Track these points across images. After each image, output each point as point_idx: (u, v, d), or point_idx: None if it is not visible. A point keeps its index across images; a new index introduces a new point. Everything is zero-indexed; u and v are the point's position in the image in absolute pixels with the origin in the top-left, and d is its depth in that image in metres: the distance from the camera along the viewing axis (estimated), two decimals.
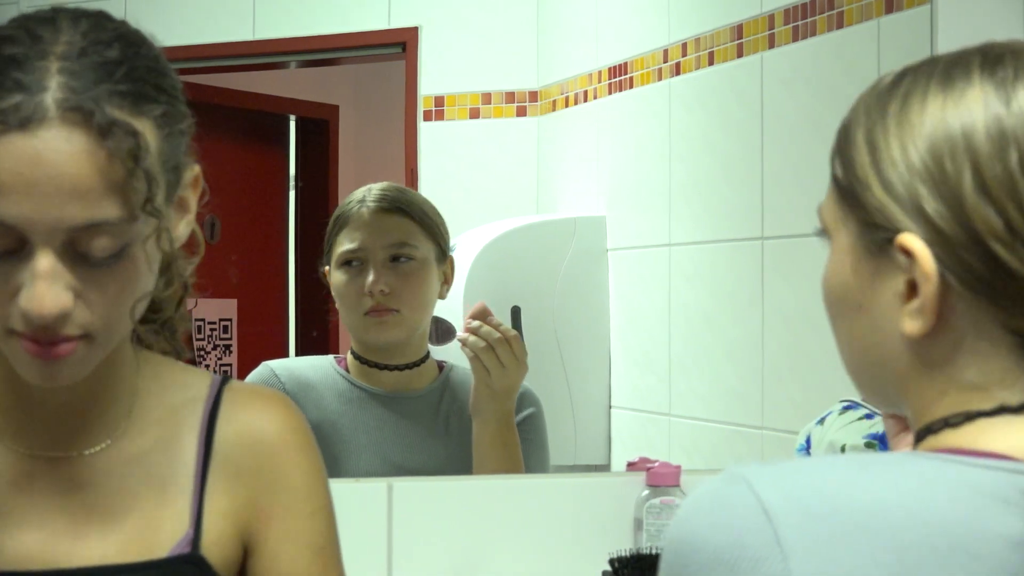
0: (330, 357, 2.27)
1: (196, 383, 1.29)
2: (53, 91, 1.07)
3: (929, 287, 0.93)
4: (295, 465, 1.28)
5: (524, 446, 2.23)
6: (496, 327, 2.16)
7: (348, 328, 2.26)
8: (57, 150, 1.06)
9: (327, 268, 2.26)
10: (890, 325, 0.96)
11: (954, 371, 0.95)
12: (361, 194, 2.25)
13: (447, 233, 2.28)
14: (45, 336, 1.10)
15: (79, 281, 1.10)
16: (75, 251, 1.09)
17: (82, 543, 1.21)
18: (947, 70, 0.97)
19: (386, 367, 2.23)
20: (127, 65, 1.11)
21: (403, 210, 2.23)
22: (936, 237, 0.93)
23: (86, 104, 1.07)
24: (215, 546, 1.24)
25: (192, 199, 1.21)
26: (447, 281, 2.27)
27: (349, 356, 2.25)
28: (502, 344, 2.15)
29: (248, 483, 1.26)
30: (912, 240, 0.93)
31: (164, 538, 1.22)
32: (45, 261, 1.08)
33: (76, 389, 1.21)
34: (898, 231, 0.94)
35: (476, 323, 2.16)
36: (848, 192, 0.98)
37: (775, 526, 0.87)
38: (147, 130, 1.11)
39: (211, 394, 1.28)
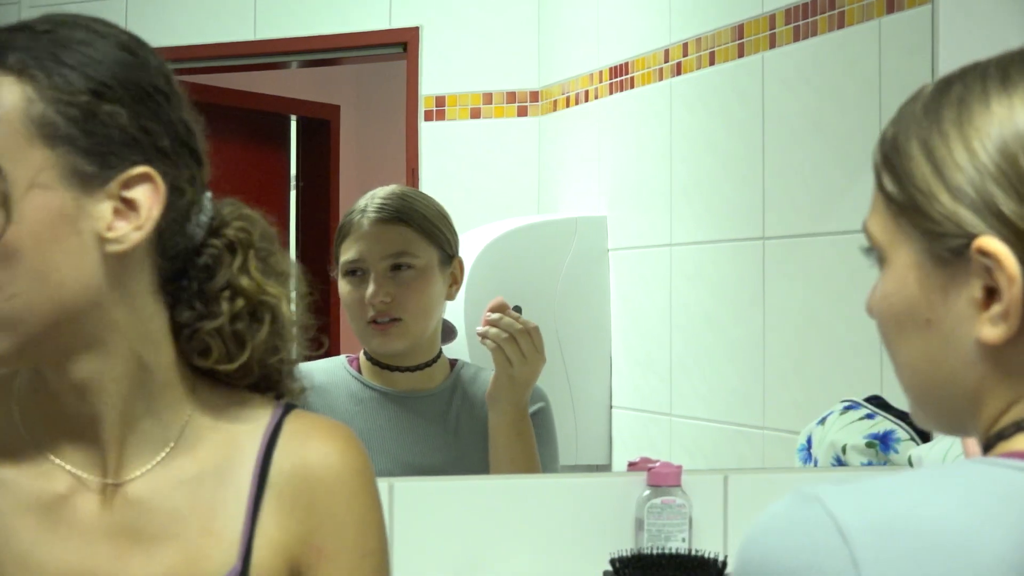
0: (342, 358, 2.28)
1: (258, 410, 1.26)
2: None
3: (1015, 289, 0.90)
4: (352, 503, 1.25)
5: (536, 439, 2.24)
6: (516, 319, 2.17)
7: (356, 337, 2.27)
8: None
9: (335, 274, 2.28)
10: (964, 335, 0.94)
11: None
12: (364, 203, 2.25)
13: (453, 235, 2.29)
14: None
15: None
16: None
17: (124, 565, 1.19)
18: (1003, 71, 0.95)
19: (397, 368, 2.25)
20: (10, 31, 1.15)
21: (402, 219, 2.24)
22: (1015, 237, 0.90)
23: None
24: None
25: (140, 202, 1.16)
26: (455, 282, 2.28)
27: (362, 356, 2.27)
28: (524, 335, 2.17)
29: (301, 518, 1.23)
30: (992, 242, 0.91)
31: (211, 568, 1.20)
32: None
33: (98, 406, 1.19)
34: (972, 236, 0.92)
35: (496, 315, 2.18)
36: (908, 206, 0.95)
37: (851, 547, 0.86)
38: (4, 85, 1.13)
39: (272, 422, 1.25)
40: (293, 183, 2.87)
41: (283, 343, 1.26)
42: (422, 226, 2.24)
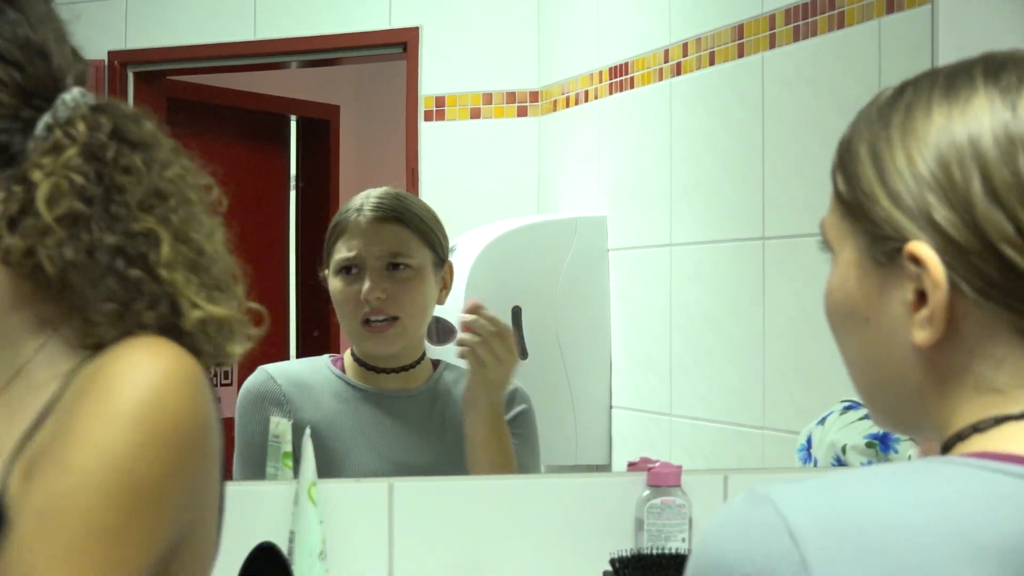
0: (325, 358, 2.28)
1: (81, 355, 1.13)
2: None
3: (939, 294, 0.92)
4: (93, 409, 1.05)
5: (516, 442, 2.23)
6: (491, 321, 2.17)
7: (348, 337, 2.26)
8: None
9: (326, 272, 2.27)
10: (900, 337, 0.96)
11: (972, 378, 0.94)
12: (359, 201, 2.25)
13: (445, 239, 2.28)
14: None
15: None
16: None
17: None
18: (949, 80, 0.97)
19: (383, 370, 2.24)
20: None
21: (399, 219, 2.23)
22: (946, 245, 0.93)
23: None
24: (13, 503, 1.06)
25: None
26: (445, 287, 2.28)
27: (347, 356, 2.26)
28: (496, 337, 2.17)
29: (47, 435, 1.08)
30: (921, 247, 0.93)
31: None
32: None
33: None
34: (907, 240, 0.94)
35: (471, 317, 2.18)
36: (853, 206, 0.98)
37: (801, 549, 0.86)
38: None
39: (81, 365, 1.11)
40: (293, 183, 2.87)
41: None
42: (418, 227, 2.24)
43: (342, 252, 2.23)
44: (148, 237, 1.14)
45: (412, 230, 2.24)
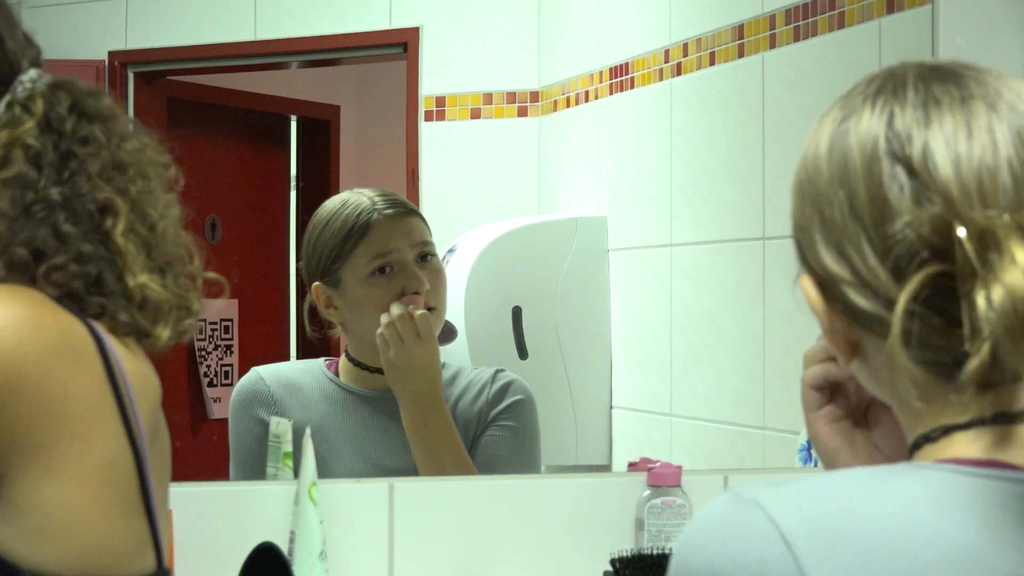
0: (320, 361, 2.25)
1: None
2: None
3: (823, 320, 0.97)
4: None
5: (503, 429, 2.21)
6: (406, 307, 2.14)
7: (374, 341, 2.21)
8: None
9: (317, 284, 2.21)
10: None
11: (901, 399, 0.95)
12: (366, 204, 2.20)
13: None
14: None
15: None
16: None
17: None
18: (844, 97, 1.01)
19: (377, 370, 2.20)
20: None
21: (415, 212, 2.23)
22: (822, 278, 0.96)
23: None
24: None
25: None
26: None
27: (343, 359, 2.23)
28: (402, 319, 2.12)
29: None
30: (803, 281, 0.98)
31: None
32: None
33: None
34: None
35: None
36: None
37: (796, 555, 0.85)
38: None
39: None
40: (293, 183, 2.87)
41: None
42: (425, 220, 2.23)
43: (371, 254, 2.17)
44: (106, 206, 1.17)
45: (424, 222, 2.22)
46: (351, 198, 2.20)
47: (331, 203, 2.22)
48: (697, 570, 0.88)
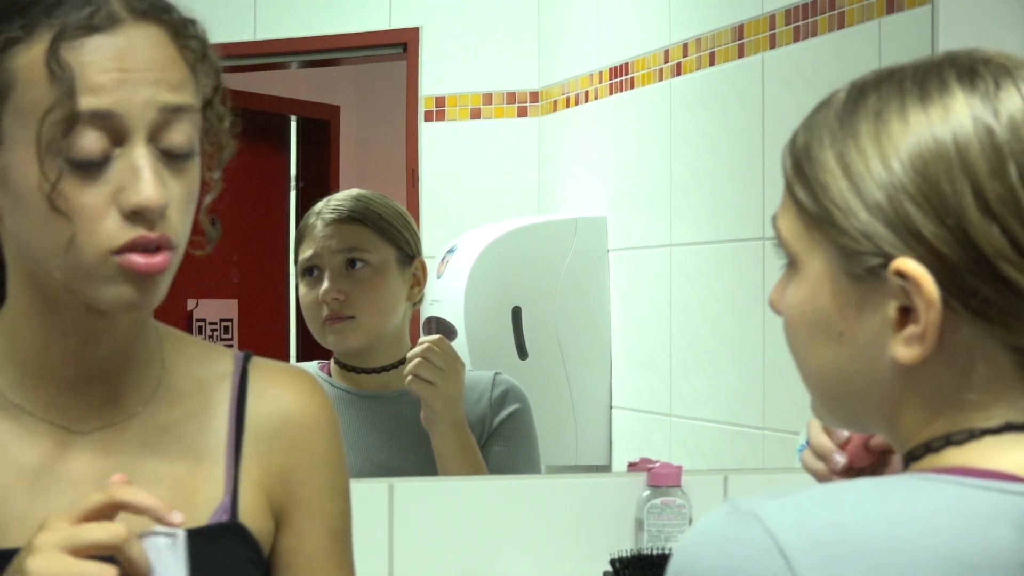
0: (314, 363, 2.30)
1: (220, 358, 1.32)
2: (115, 2, 1.16)
3: (933, 313, 0.90)
4: (325, 445, 1.31)
5: (506, 442, 2.23)
6: (420, 344, 2.20)
7: (315, 337, 2.29)
8: (140, 44, 1.16)
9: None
10: (878, 353, 0.93)
11: (953, 392, 0.92)
12: (319, 206, 2.30)
13: (413, 235, 2.30)
14: (150, 240, 1.14)
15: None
16: (158, 148, 1.16)
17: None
18: (921, 84, 0.94)
19: (363, 370, 2.26)
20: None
21: (355, 218, 2.27)
22: (936, 261, 0.90)
23: (153, 6, 1.18)
24: (251, 516, 1.26)
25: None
26: (417, 283, 2.29)
27: (332, 360, 2.28)
28: (430, 351, 2.18)
29: (280, 459, 1.29)
30: (910, 264, 0.90)
31: (201, 506, 1.24)
32: (143, 152, 1.14)
33: (109, 355, 1.23)
34: (889, 256, 0.91)
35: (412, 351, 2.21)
36: (822, 219, 0.94)
37: (793, 568, 0.85)
38: None
39: (237, 369, 1.31)
40: (293, 183, 2.87)
41: None
42: (377, 224, 2.26)
43: (303, 254, 2.28)
44: None
45: (370, 228, 2.26)
46: (325, 199, 2.30)
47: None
48: None
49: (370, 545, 2.10)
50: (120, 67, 1.14)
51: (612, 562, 2.03)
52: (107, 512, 1.09)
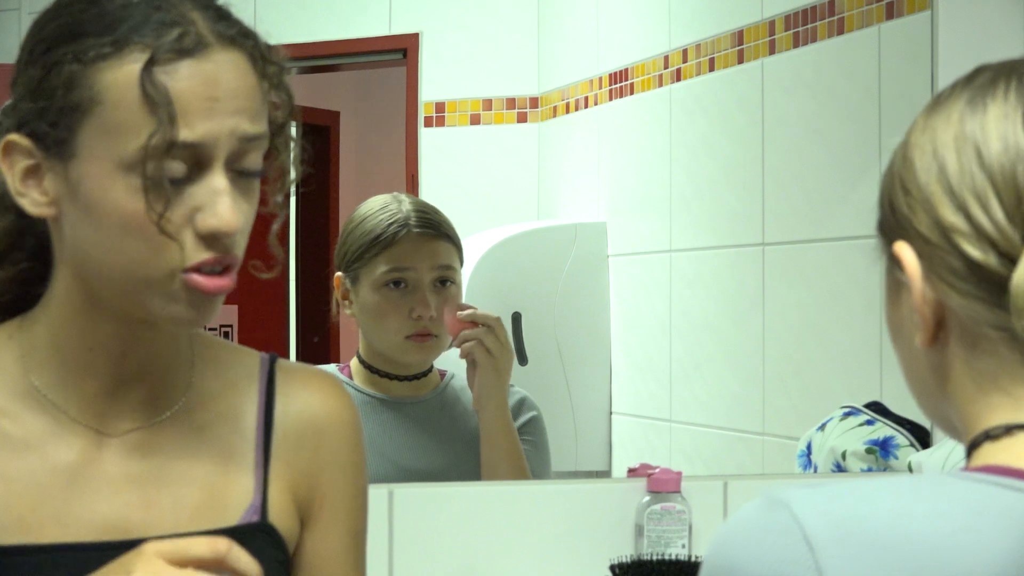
0: (333, 366, 2.29)
1: (246, 359, 1.34)
2: (200, 24, 1.18)
3: (916, 293, 0.92)
4: (350, 447, 1.34)
5: (528, 448, 2.24)
6: (485, 315, 2.20)
7: (380, 347, 2.23)
8: (227, 71, 1.18)
9: (339, 275, 2.25)
10: (913, 342, 0.95)
11: (974, 378, 0.92)
12: (398, 214, 2.22)
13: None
14: (221, 261, 1.17)
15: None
16: (232, 170, 1.18)
17: (155, 513, 1.24)
18: (981, 87, 0.95)
19: (396, 377, 2.25)
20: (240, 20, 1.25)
21: (445, 234, 2.25)
22: (921, 243, 0.92)
23: (238, 33, 1.21)
24: (279, 516, 1.28)
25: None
26: None
27: (355, 362, 2.26)
28: (499, 325, 2.20)
29: (307, 460, 1.31)
30: (901, 247, 0.93)
31: (232, 506, 1.26)
32: (222, 178, 1.17)
33: (148, 359, 1.25)
34: (894, 241, 0.94)
35: (467, 312, 2.20)
36: (880, 218, 0.97)
37: (816, 556, 0.85)
38: None
39: (264, 371, 1.33)
40: (293, 189, 2.87)
41: None
42: (457, 243, 2.26)
43: (389, 266, 2.21)
44: None
45: (454, 246, 2.25)
46: (391, 204, 2.24)
47: (373, 202, 2.26)
48: (723, 566, 0.88)
49: (370, 551, 2.10)
50: (209, 95, 1.16)
51: (612, 568, 2.03)
52: (210, 567, 1.11)
